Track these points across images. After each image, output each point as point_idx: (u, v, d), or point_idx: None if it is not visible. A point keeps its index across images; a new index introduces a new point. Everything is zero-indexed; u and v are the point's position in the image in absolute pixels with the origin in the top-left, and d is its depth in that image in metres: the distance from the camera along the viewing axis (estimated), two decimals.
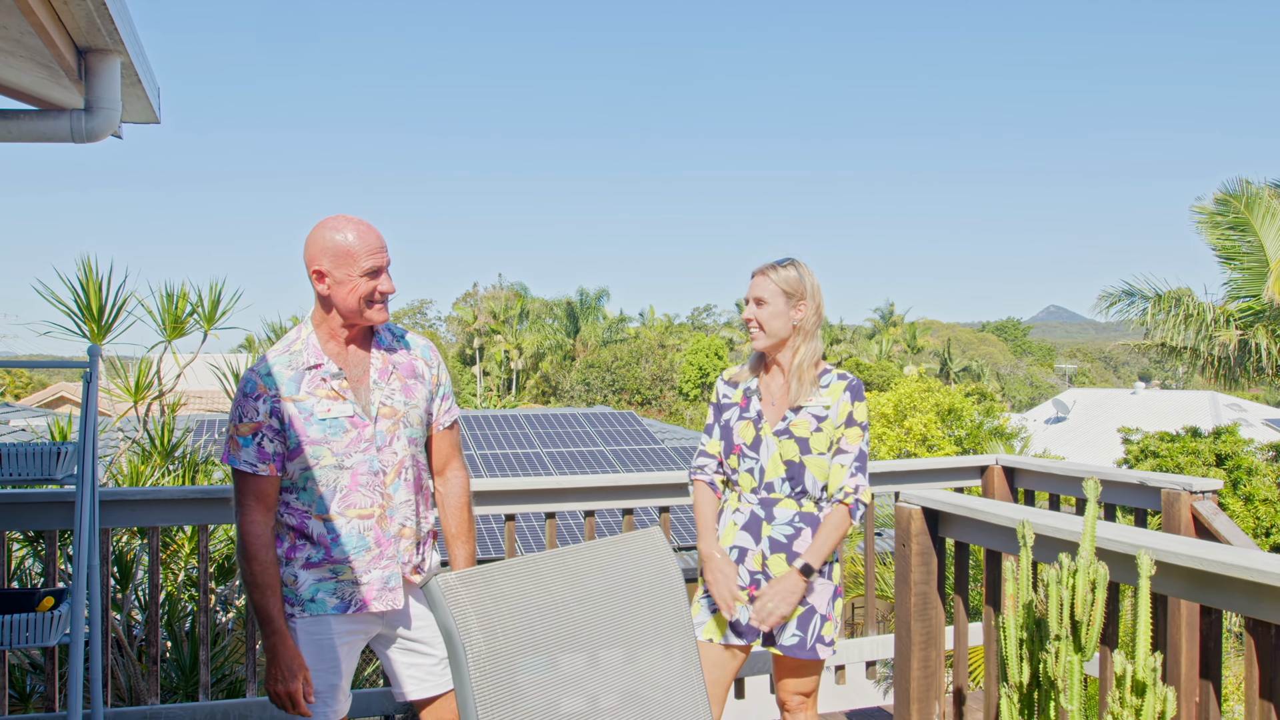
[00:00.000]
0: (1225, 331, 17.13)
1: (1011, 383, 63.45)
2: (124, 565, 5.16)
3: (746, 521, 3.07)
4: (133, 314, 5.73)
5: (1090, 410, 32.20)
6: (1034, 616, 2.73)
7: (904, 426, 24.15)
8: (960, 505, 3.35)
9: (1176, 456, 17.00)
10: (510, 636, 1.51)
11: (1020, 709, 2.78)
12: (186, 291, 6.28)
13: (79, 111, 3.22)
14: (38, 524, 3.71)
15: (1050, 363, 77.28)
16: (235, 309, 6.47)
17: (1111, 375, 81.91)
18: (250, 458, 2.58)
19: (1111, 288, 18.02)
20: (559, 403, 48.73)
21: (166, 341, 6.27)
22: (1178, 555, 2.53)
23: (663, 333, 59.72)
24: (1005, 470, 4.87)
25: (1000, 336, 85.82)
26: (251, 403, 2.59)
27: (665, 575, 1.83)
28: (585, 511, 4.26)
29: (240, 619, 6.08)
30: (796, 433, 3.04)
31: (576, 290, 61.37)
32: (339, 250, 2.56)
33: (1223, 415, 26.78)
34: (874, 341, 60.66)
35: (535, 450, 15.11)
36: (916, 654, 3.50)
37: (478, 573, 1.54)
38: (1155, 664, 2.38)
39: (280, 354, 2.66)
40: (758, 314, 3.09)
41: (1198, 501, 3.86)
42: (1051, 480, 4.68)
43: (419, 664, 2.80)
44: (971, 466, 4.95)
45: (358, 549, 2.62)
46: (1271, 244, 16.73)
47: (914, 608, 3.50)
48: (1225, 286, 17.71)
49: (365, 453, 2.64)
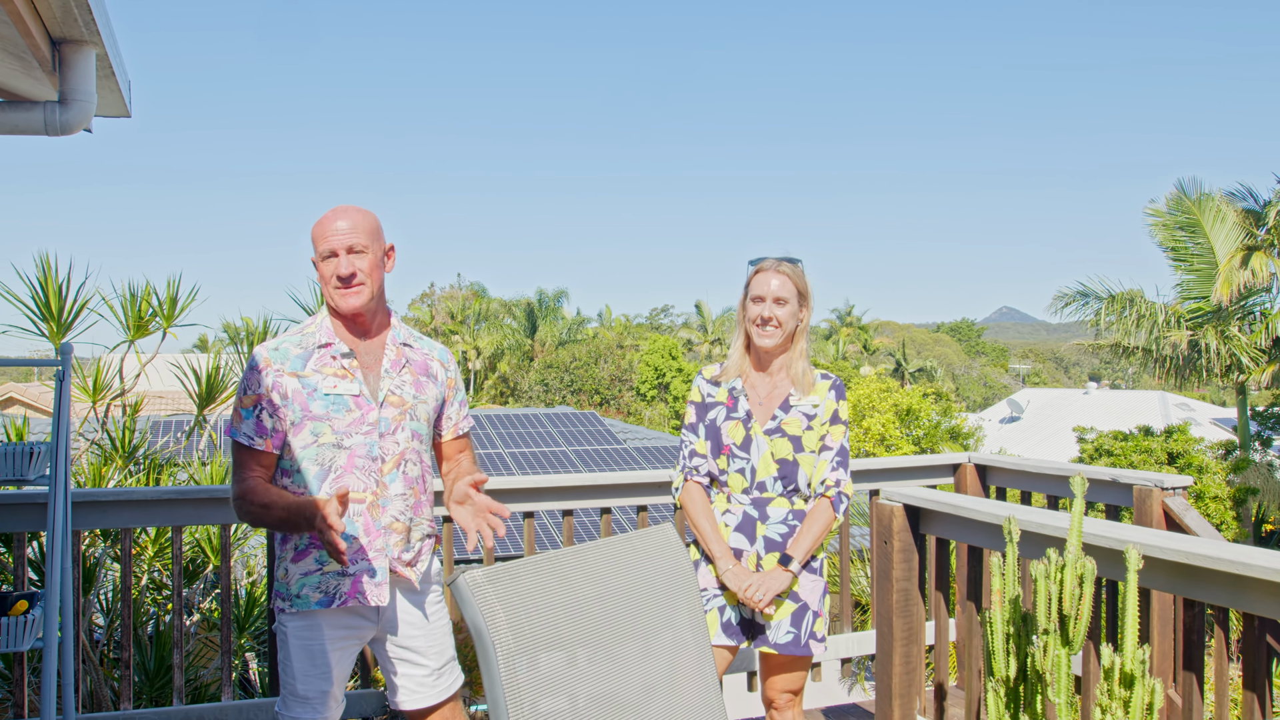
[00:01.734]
0: (1176, 332, 17.48)
1: (966, 383, 64.21)
2: (87, 569, 5.05)
3: (739, 523, 3.06)
4: (95, 311, 5.63)
5: (1044, 410, 32.70)
6: (1020, 611, 2.76)
7: (863, 426, 24.31)
8: (943, 502, 3.38)
9: (1130, 455, 17.30)
10: (537, 633, 1.50)
11: (1007, 703, 2.81)
12: (151, 290, 6.17)
13: (53, 104, 3.14)
14: (6, 526, 3.61)
15: (1004, 363, 78.35)
16: (193, 306, 6.35)
17: (1063, 375, 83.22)
18: (249, 430, 2.59)
19: (1067, 289, 18.34)
20: (517, 403, 48.49)
21: (130, 341, 6.15)
22: (1164, 550, 2.57)
23: (621, 333, 59.67)
24: (978, 468, 4.93)
25: (954, 337, 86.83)
26: (255, 375, 2.61)
27: (680, 571, 1.82)
28: (563, 511, 4.24)
29: (204, 623, 5.99)
30: (789, 431, 3.04)
31: (535, 291, 61.23)
32: (312, 235, 2.65)
33: (1172, 414, 27.32)
34: (830, 342, 61.08)
35: (498, 451, 15.03)
36: (899, 650, 3.52)
37: (503, 569, 1.52)
38: (1144, 656, 2.41)
39: (293, 334, 2.71)
40: (777, 313, 3.03)
41: (1169, 497, 3.93)
42: (1023, 478, 4.74)
43: (411, 675, 2.77)
44: (944, 464, 5.00)
45: (344, 535, 2.55)
46: (1221, 246, 17.10)
47: (896, 604, 3.52)
48: (1176, 288, 18.08)
49: (366, 436, 2.63)
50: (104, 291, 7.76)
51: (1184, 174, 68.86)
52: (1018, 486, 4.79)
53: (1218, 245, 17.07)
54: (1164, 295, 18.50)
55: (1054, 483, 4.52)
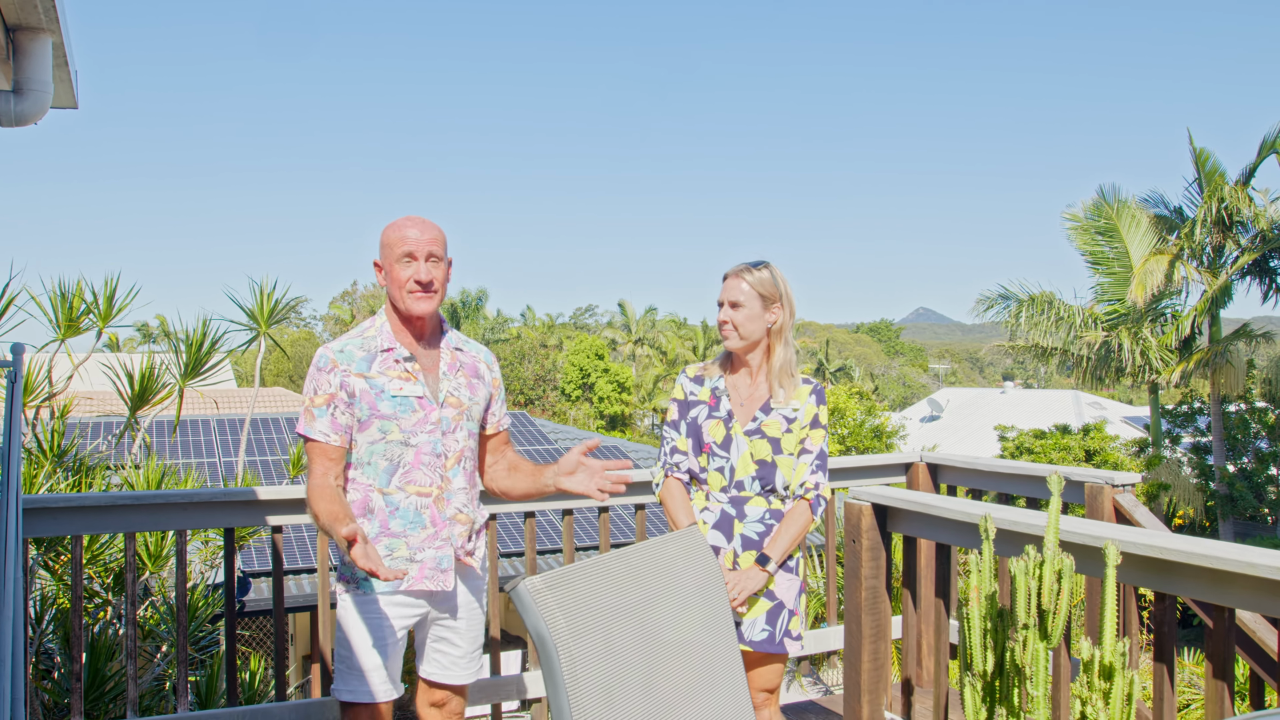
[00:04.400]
0: (1092, 333, 18.06)
1: (885, 382, 65.40)
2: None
3: (717, 520, 3.08)
4: (23, 309, 5.43)
5: (963, 409, 33.48)
6: (996, 607, 2.83)
7: None
8: (913, 501, 3.43)
9: (1049, 453, 17.85)
10: (594, 637, 1.49)
11: (984, 696, 2.87)
12: (82, 288, 5.97)
13: (7, 93, 3.01)
14: None
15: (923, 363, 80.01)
16: (133, 305, 6.17)
17: (977, 375, 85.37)
18: (325, 427, 2.73)
19: (989, 291, 18.82)
20: None
21: (60, 340, 5.94)
22: (1138, 545, 2.65)
23: (544, 333, 59.44)
24: (929, 467, 5.02)
25: (874, 338, 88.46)
26: (325, 376, 2.74)
27: (711, 572, 1.83)
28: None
29: (139, 631, 5.80)
30: (769, 433, 3.06)
31: (458, 290, 60.68)
32: (384, 242, 2.78)
33: (1085, 413, 28.22)
34: None
35: None
36: (867, 647, 3.57)
37: (558, 575, 1.50)
38: (1124, 648, 2.49)
39: (354, 337, 2.83)
40: (732, 316, 3.08)
41: (1119, 494, 4.05)
42: (973, 476, 4.84)
43: (445, 651, 2.94)
44: (896, 464, 5.08)
45: (414, 524, 2.77)
46: (1135, 251, 17.72)
47: (865, 602, 3.56)
48: (1093, 290, 18.69)
49: (430, 434, 2.80)
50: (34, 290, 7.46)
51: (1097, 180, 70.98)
52: (968, 485, 4.88)
53: (1133, 250, 17.69)
54: (1081, 298, 19.13)
55: (1004, 481, 4.63)
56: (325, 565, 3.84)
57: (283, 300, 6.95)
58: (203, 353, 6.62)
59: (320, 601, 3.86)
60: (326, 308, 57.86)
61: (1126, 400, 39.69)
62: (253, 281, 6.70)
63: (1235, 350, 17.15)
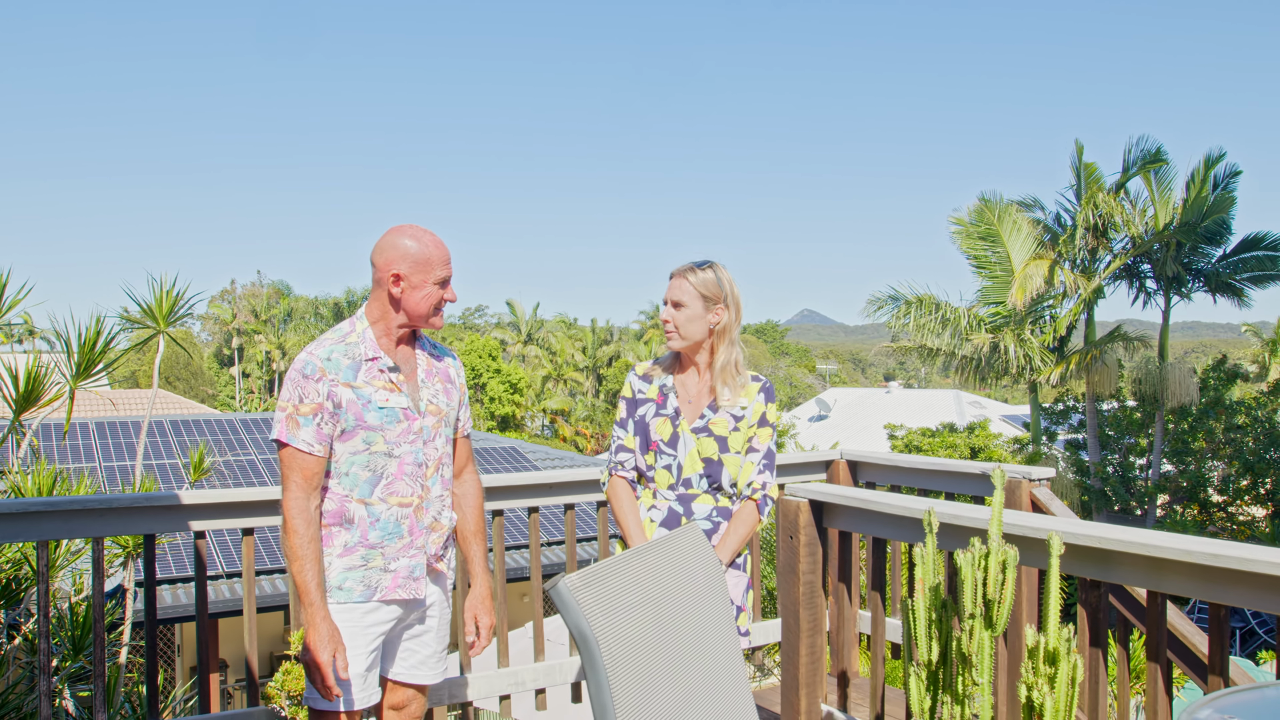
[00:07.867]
0: (978, 334, 18.74)
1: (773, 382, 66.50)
2: None
3: (665, 518, 3.08)
4: None
5: (850, 408, 34.31)
6: (940, 598, 2.91)
7: None
8: (849, 496, 3.51)
9: (937, 450, 18.45)
10: (627, 634, 1.47)
11: (928, 685, 2.95)
12: None
13: None
14: None
15: (809, 364, 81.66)
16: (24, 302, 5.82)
17: (860, 375, 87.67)
18: (309, 437, 2.66)
19: (879, 292, 19.34)
20: None
21: None
22: (1079, 536, 2.76)
23: (433, 333, 58.62)
24: (849, 464, 5.13)
25: (760, 338, 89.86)
26: (312, 384, 2.68)
27: (714, 569, 1.83)
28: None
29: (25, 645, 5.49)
30: (716, 431, 3.08)
31: (344, 290, 59.40)
32: (418, 258, 2.73)
33: (966, 412, 29.24)
34: (643, 342, 61.99)
35: None
36: (805, 641, 3.63)
37: (592, 573, 1.49)
38: (1069, 634, 2.59)
39: (336, 343, 2.75)
40: (674, 316, 3.09)
41: (1035, 488, 4.21)
42: (892, 472, 4.96)
43: (415, 650, 2.94)
44: (818, 461, 5.18)
45: (392, 535, 2.77)
46: (1016, 254, 18.47)
47: (802, 597, 3.62)
48: (977, 293, 19.40)
49: (413, 444, 2.79)
50: None
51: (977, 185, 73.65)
52: (887, 481, 5.01)
53: (1014, 253, 18.45)
54: (966, 300, 19.84)
55: (924, 477, 4.76)
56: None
57: (184, 296, 6.67)
58: (95, 352, 6.31)
59: (231, 609, 3.72)
60: (205, 307, 55.84)
61: (1003, 399, 41.33)
62: (151, 277, 6.41)
63: (1110, 351, 18.08)
